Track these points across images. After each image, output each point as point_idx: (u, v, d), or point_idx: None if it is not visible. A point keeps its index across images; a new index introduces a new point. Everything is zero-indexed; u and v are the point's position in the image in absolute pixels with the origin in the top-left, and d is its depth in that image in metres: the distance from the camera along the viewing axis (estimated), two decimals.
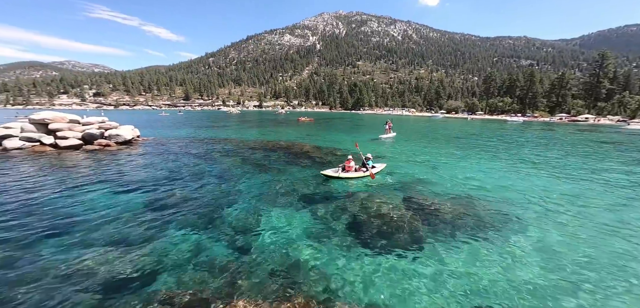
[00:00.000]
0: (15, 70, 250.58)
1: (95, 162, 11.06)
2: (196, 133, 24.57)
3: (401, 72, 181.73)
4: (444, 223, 6.04)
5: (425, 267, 4.40)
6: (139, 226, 5.47)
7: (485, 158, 14.04)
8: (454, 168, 11.68)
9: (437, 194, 8.01)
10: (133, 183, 8.24)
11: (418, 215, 6.42)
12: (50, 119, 13.02)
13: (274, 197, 7.44)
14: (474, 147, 18.39)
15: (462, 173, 10.71)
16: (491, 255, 4.75)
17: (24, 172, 9.39)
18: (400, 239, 5.29)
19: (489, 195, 7.98)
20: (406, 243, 5.15)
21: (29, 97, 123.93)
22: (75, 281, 3.81)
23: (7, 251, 4.57)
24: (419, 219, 6.19)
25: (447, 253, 4.79)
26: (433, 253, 4.79)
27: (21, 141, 12.22)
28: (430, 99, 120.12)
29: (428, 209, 6.82)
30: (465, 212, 6.65)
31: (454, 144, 19.50)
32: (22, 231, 5.23)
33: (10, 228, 5.38)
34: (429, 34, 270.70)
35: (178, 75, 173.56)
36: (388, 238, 5.32)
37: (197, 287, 3.74)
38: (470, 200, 7.53)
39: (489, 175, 10.49)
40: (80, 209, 6.25)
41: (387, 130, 22.44)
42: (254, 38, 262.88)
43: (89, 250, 4.56)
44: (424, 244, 5.11)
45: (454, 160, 13.62)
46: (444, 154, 15.49)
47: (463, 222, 6.09)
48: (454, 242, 5.22)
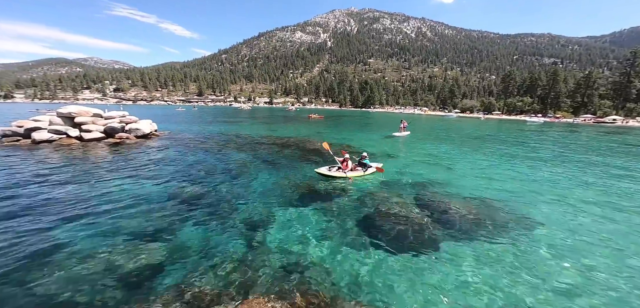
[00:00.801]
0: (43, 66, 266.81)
1: (116, 154, 11.61)
2: (209, 128, 25.20)
3: (414, 70, 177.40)
4: (459, 224, 5.87)
5: (440, 268, 4.29)
6: (156, 218, 5.67)
7: (502, 159, 13.50)
8: (469, 168, 11.31)
9: (451, 195, 7.78)
10: (150, 176, 8.57)
11: (432, 215, 6.28)
12: (76, 113, 13.78)
13: (285, 193, 7.50)
14: (490, 147, 17.72)
15: (477, 173, 10.36)
16: (509, 259, 4.57)
17: (51, 163, 10.01)
18: (413, 239, 5.19)
19: (507, 197, 7.68)
20: (420, 243, 5.04)
21: (56, 91, 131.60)
22: (93, 269, 3.99)
23: (31, 237, 4.90)
24: (433, 219, 6.05)
25: (463, 255, 4.65)
26: (449, 255, 4.66)
27: (49, 133, 13.02)
28: (444, 97, 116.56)
29: (442, 209, 6.65)
30: (481, 214, 6.43)
31: (469, 144, 18.87)
32: (47, 219, 5.58)
33: (37, 216, 5.76)
34: (444, 31, 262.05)
35: (192, 71, 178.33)
36: (401, 238, 5.23)
37: (210, 281, 3.81)
38: (487, 202, 7.27)
39: (507, 176, 10.08)
40: (102, 200, 6.56)
41: (402, 128, 22.91)
42: (265, 35, 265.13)
43: (107, 239, 4.78)
44: (438, 245, 4.99)
45: (468, 160, 13.19)
46: (458, 153, 15.04)
47: (479, 224, 5.89)
48: (470, 243, 5.06)
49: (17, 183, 7.51)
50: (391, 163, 11.80)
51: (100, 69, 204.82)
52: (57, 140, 12.99)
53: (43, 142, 12.73)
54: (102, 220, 5.49)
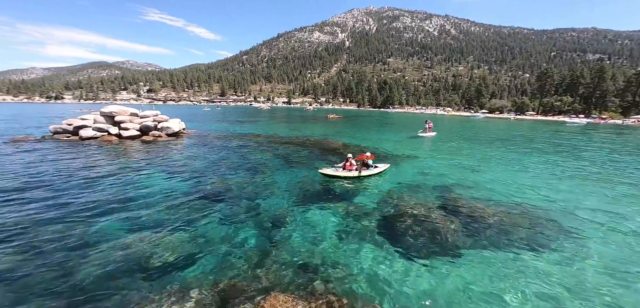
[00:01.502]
0: (88, 69, 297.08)
1: (150, 151, 12.49)
2: (232, 127, 26.21)
3: (436, 69, 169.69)
4: (485, 230, 5.52)
5: (463, 275, 4.06)
6: (184, 212, 5.97)
7: (535, 163, 12.40)
8: (499, 172, 10.55)
9: (478, 199, 7.33)
10: (179, 172, 9.09)
11: (456, 219, 5.96)
12: (116, 112, 15.10)
13: (304, 192, 7.53)
14: (523, 150, 16.32)
15: (508, 177, 9.62)
16: (540, 270, 4.17)
17: (95, 158, 11.03)
18: (435, 243, 4.97)
19: (540, 204, 7.05)
20: (443, 248, 4.82)
21: (98, 93, 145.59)
22: (128, 256, 4.27)
23: (77, 224, 5.39)
24: (458, 224, 5.74)
25: (488, 263, 4.36)
26: (473, 262, 4.40)
27: (93, 131, 14.38)
28: (470, 97, 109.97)
29: (468, 214, 6.28)
30: (510, 220, 5.97)
31: (499, 146, 17.55)
32: (90, 208, 6.13)
33: (82, 205, 6.34)
34: (470, 28, 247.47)
35: (215, 72, 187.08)
36: (422, 241, 5.04)
37: (234, 274, 3.91)
38: (518, 208, 6.74)
39: (541, 181, 9.25)
40: (137, 194, 7.07)
41: (427, 129, 22.58)
42: (284, 36, 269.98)
43: (141, 229, 5.11)
44: (463, 250, 4.72)
45: (498, 163, 12.30)
46: (486, 156, 14.08)
47: (508, 231, 5.48)
48: (498, 251, 4.72)
49: (66, 175, 8.37)
50: (415, 164, 11.37)
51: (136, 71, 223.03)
52: (100, 137, 14.31)
53: (88, 139, 14.09)
54: (137, 211, 5.91)
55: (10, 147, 12.15)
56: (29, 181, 7.67)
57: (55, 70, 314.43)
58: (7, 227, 5.06)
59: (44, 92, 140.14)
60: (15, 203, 6.15)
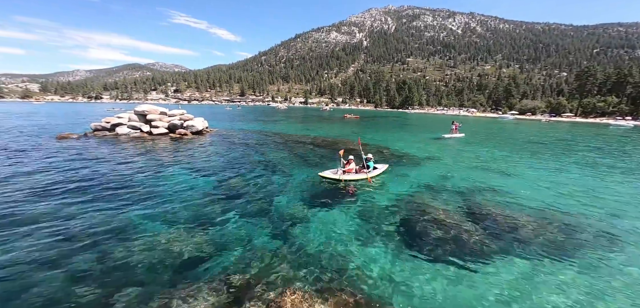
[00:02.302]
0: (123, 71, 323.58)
1: (176, 148, 13.16)
2: (251, 126, 26.94)
3: (460, 69, 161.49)
4: (514, 236, 5.11)
5: (488, 281, 3.79)
6: (206, 207, 6.14)
7: (574, 168, 11.23)
8: (532, 176, 9.72)
9: (508, 204, 6.80)
10: (202, 169, 9.44)
11: (481, 224, 5.58)
12: (148, 111, 16.18)
13: (321, 191, 7.45)
14: (561, 154, 14.82)
15: (544, 184, 8.80)
16: (573, 280, 3.71)
17: (129, 153, 11.83)
18: (457, 247, 4.69)
19: (578, 211, 6.37)
20: (465, 252, 4.53)
21: (131, 93, 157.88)
22: (152, 248, 4.42)
23: (109, 214, 5.74)
24: (483, 228, 5.37)
25: (516, 271, 4.03)
26: (498, 268, 4.08)
27: (128, 128, 15.49)
28: (498, 97, 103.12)
29: (495, 219, 5.84)
30: (545, 228, 5.45)
31: (531, 149, 16.16)
32: (122, 199, 6.54)
33: (115, 196, 6.78)
34: (498, 25, 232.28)
35: (236, 73, 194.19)
36: (443, 245, 4.77)
37: (252, 270, 3.93)
38: (556, 216, 6.13)
39: (579, 187, 8.36)
40: (164, 188, 7.43)
41: (454, 130, 21.74)
42: (302, 36, 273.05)
43: (166, 222, 5.31)
44: (488, 256, 4.39)
45: (530, 167, 11.37)
46: (517, 159, 13.05)
47: (545, 240, 5.00)
48: (527, 259, 4.33)
49: (103, 170, 9.05)
50: (439, 166, 10.88)
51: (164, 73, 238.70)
52: (134, 134, 15.37)
53: (123, 135, 15.21)
54: (163, 205, 6.19)
55: (55, 143, 13.45)
56: (70, 175, 8.39)
57: (96, 72, 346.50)
58: (48, 216, 5.53)
59: (86, 93, 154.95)
60: (57, 195, 6.73)
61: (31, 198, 6.25)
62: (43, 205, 5.90)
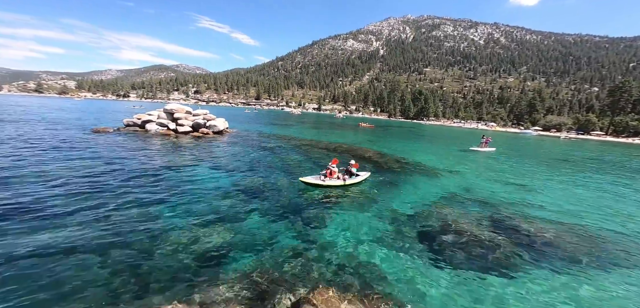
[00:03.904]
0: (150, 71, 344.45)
1: (200, 146, 13.92)
2: (267, 129, 27.71)
3: (480, 80, 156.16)
4: (543, 250, 5.05)
5: (516, 293, 3.79)
6: (230, 205, 6.42)
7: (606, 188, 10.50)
8: (561, 194, 9.32)
9: (535, 218, 6.66)
10: (224, 167, 9.94)
11: (509, 236, 5.53)
12: (175, 110, 17.24)
13: (338, 196, 7.60)
14: (591, 171, 13.91)
15: (572, 202, 8.44)
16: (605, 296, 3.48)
17: (157, 149, 12.68)
18: (482, 257, 4.70)
19: (612, 231, 6.04)
20: (490, 263, 4.55)
21: (156, 92, 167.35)
22: (178, 242, 4.61)
23: (136, 206, 6.16)
24: (510, 241, 5.34)
25: (546, 284, 3.99)
26: (526, 280, 4.07)
27: (156, 125, 16.59)
28: (520, 112, 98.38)
29: (523, 233, 5.76)
30: (574, 242, 5.34)
31: (560, 168, 15.29)
32: (150, 193, 6.98)
33: (143, 189, 7.29)
34: (524, 36, 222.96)
35: (252, 77, 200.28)
36: (467, 254, 4.79)
37: (274, 267, 4.07)
38: (586, 232, 5.95)
39: (610, 208, 7.85)
40: (189, 183, 7.86)
41: (484, 144, 21.79)
42: (318, 43, 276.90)
43: (191, 216, 5.59)
44: (514, 268, 4.39)
45: (560, 184, 10.84)
46: (544, 176, 12.53)
47: (571, 253, 4.94)
48: (559, 273, 4.27)
49: (134, 163, 9.82)
50: (467, 179, 10.72)
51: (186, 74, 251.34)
52: (161, 130, 16.44)
53: (152, 131, 16.31)
54: (190, 200, 6.55)
55: (93, 136, 14.69)
56: (105, 166, 9.18)
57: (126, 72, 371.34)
58: (87, 204, 6.09)
59: (115, 91, 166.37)
60: (94, 184, 7.38)
61: (72, 186, 6.87)
62: (83, 192, 6.45)
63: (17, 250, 3.99)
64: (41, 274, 3.56)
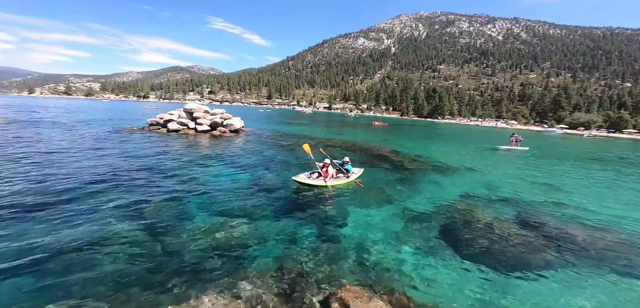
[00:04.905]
0: (167, 73, 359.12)
1: (218, 144, 14.33)
2: (280, 128, 28.06)
3: (499, 77, 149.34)
4: (575, 252, 4.79)
5: (545, 294, 3.61)
6: (249, 201, 6.43)
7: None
8: (595, 195, 8.71)
9: (566, 218, 6.31)
10: (242, 164, 10.11)
11: (539, 237, 5.27)
12: (194, 109, 17.88)
13: (360, 194, 7.50)
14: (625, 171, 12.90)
15: (605, 202, 7.90)
16: None
17: (178, 147, 13.20)
18: (509, 257, 4.52)
19: None
20: (517, 263, 4.37)
21: (173, 93, 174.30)
22: (202, 236, 4.66)
23: (163, 200, 6.39)
24: (541, 242, 5.08)
25: (580, 288, 3.78)
26: (557, 283, 3.84)
27: (177, 124, 17.29)
28: (543, 109, 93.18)
29: (553, 233, 5.48)
30: (609, 245, 4.97)
31: (592, 167, 14.31)
32: (173, 189, 7.18)
33: (167, 186, 7.52)
34: (548, 31, 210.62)
35: (264, 76, 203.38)
36: (493, 253, 4.62)
37: (296, 265, 4.01)
38: (620, 234, 5.53)
39: None
40: (210, 180, 7.99)
41: (513, 142, 20.98)
42: (329, 42, 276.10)
43: (213, 213, 5.64)
44: (546, 269, 4.20)
45: (593, 185, 10.16)
46: (578, 176, 11.84)
47: (607, 257, 4.63)
48: (595, 277, 4.00)
49: (160, 159, 10.27)
50: (492, 178, 10.31)
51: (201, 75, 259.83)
52: (181, 129, 17.12)
53: (173, 131, 17.02)
54: (211, 196, 6.62)
55: (121, 135, 15.58)
56: (134, 162, 9.67)
57: (145, 73, 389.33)
58: (117, 197, 6.41)
59: (136, 92, 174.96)
60: (123, 179, 7.76)
61: (106, 180, 7.24)
62: (112, 187, 6.74)
63: (57, 241, 4.23)
64: (76, 264, 3.72)
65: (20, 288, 3.25)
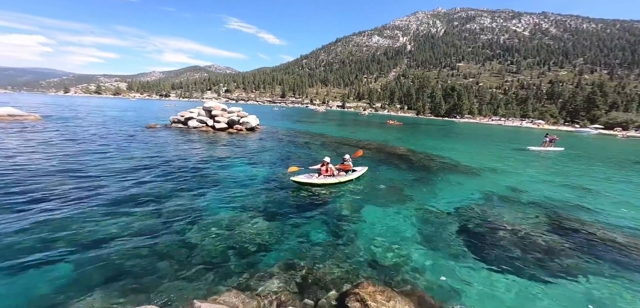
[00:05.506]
0: (187, 72, 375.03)
1: (235, 141, 14.77)
2: (294, 126, 28.33)
3: (525, 74, 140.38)
4: (612, 257, 4.47)
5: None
6: (264, 197, 6.52)
7: None
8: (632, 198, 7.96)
9: (606, 225, 5.85)
10: (258, 161, 10.30)
11: (571, 244, 4.95)
12: (213, 108, 18.55)
13: (372, 190, 7.42)
14: None
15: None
16: None
17: (199, 143, 13.75)
18: (541, 263, 4.28)
19: None
20: (554, 272, 4.10)
21: (192, 92, 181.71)
22: (221, 230, 4.75)
23: (184, 195, 6.63)
24: (573, 246, 4.81)
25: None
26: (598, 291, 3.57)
27: (197, 122, 18.01)
28: (575, 108, 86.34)
29: (587, 237, 5.17)
30: None
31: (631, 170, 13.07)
32: (194, 185, 7.35)
33: (188, 181, 7.82)
34: (581, 25, 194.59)
35: (278, 75, 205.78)
36: (525, 258, 4.40)
37: (313, 262, 4.01)
38: None
39: None
40: (228, 176, 8.22)
41: (547, 143, 20.02)
42: (342, 40, 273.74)
43: (231, 209, 5.73)
44: (583, 280, 3.92)
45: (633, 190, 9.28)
46: (617, 179, 10.89)
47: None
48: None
49: (182, 155, 10.77)
50: (521, 179, 9.85)
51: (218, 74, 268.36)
52: (201, 127, 17.83)
53: (193, 128, 17.77)
54: (229, 193, 6.73)
55: (146, 131, 16.51)
56: (157, 159, 10.18)
57: (167, 73, 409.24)
58: (141, 192, 6.76)
59: (158, 91, 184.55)
60: (148, 175, 8.20)
61: (132, 175, 7.69)
62: (136, 182, 7.06)
63: (85, 235, 4.42)
64: (103, 254, 3.88)
65: (53, 274, 3.46)
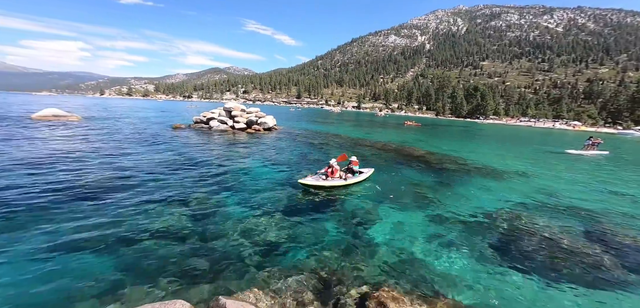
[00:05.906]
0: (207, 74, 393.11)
1: (254, 141, 15.19)
2: (310, 126, 28.54)
3: (558, 73, 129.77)
4: None
5: None
6: (283, 197, 6.56)
7: None
8: None
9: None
10: (276, 161, 10.45)
11: (612, 255, 4.59)
12: (233, 108, 19.25)
13: (391, 193, 7.24)
14: None
15: None
16: None
17: (220, 143, 14.30)
18: (579, 277, 3.97)
19: None
20: (590, 285, 3.82)
21: (212, 93, 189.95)
22: (241, 229, 4.81)
23: (207, 193, 6.80)
24: (614, 261, 4.40)
25: None
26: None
27: (218, 122, 18.78)
28: (617, 108, 78.10)
29: (628, 252, 4.68)
30: None
31: None
32: (214, 183, 7.51)
33: (210, 180, 8.04)
34: (624, 19, 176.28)
35: (294, 76, 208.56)
36: (554, 266, 4.15)
37: (333, 264, 3.98)
38: None
39: None
40: (247, 176, 8.35)
41: (589, 146, 18.88)
42: (358, 40, 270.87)
43: (251, 208, 5.81)
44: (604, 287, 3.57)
45: None
46: None
47: None
48: None
49: (205, 154, 11.28)
50: (555, 184, 9.26)
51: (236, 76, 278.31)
52: (221, 127, 18.58)
53: (214, 128, 18.57)
54: (249, 192, 6.86)
55: (172, 132, 17.52)
56: (181, 157, 10.73)
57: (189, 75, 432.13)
58: (166, 189, 7.09)
59: (182, 93, 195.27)
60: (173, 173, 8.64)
61: (156, 173, 8.12)
62: (165, 181, 7.39)
63: (118, 228, 4.66)
64: (131, 249, 4.06)
65: (79, 264, 3.67)
